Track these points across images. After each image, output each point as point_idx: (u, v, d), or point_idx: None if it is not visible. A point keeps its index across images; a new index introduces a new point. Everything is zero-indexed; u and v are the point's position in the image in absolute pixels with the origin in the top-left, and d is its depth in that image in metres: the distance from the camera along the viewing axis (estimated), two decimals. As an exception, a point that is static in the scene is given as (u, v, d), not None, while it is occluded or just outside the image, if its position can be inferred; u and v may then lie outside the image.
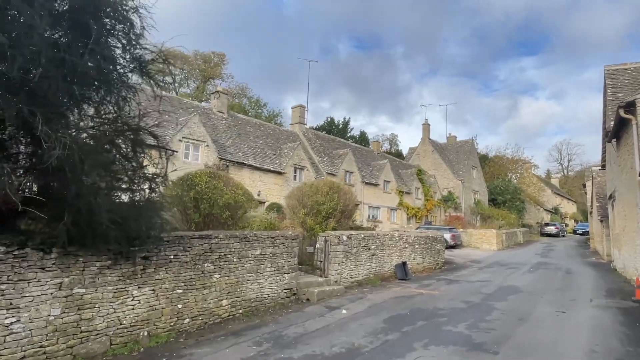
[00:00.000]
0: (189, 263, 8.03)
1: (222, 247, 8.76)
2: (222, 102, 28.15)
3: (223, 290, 8.69)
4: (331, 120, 61.64)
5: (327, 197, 13.82)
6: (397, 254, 15.77)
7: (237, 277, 9.04)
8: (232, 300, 8.89)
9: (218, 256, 8.65)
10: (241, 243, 9.22)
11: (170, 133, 22.05)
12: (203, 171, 10.16)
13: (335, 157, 32.99)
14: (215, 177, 10.00)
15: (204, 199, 9.59)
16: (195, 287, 8.12)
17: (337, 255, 12.34)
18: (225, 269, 8.78)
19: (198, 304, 8.12)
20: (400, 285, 13.52)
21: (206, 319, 8.24)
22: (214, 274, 8.53)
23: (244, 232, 9.41)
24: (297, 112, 33.85)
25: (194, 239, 8.19)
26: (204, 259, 8.34)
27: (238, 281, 9.07)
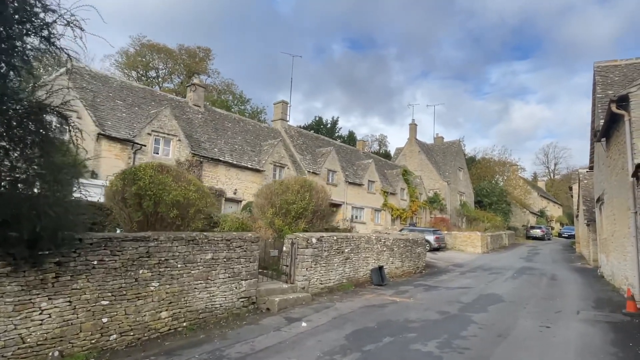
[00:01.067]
0: (118, 269, 6.90)
1: (163, 250, 7.63)
2: (199, 96, 26.91)
3: (163, 300, 7.57)
4: (319, 120, 60.64)
5: (297, 196, 12.76)
6: (374, 258, 14.78)
7: (181, 285, 7.93)
8: (174, 311, 7.77)
9: (157, 261, 7.53)
10: (188, 246, 8.11)
11: (139, 126, 20.80)
12: (149, 164, 9.02)
13: (318, 155, 31.94)
14: (164, 171, 8.86)
15: (148, 196, 8.44)
16: (127, 298, 6.98)
17: (305, 260, 11.28)
18: (166, 275, 7.66)
19: (129, 317, 6.99)
20: (374, 291, 12.52)
21: (140, 334, 7.12)
22: (152, 282, 7.41)
23: (192, 233, 8.30)
24: (279, 108, 32.73)
25: (125, 241, 7.06)
26: (138, 264, 7.21)
27: (183, 290, 7.95)
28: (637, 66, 14.94)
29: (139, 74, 53.10)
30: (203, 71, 57.33)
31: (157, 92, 25.82)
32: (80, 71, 21.73)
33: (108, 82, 22.56)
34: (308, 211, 12.79)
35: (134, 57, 51.65)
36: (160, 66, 55.42)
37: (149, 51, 52.59)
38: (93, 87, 21.26)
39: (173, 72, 57.34)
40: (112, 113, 20.67)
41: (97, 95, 20.96)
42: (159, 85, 52.34)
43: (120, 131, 20.01)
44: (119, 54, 51.16)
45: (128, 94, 22.89)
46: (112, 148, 19.37)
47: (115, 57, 50.84)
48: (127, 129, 20.39)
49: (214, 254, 8.63)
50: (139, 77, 51.97)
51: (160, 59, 55.51)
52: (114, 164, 19.40)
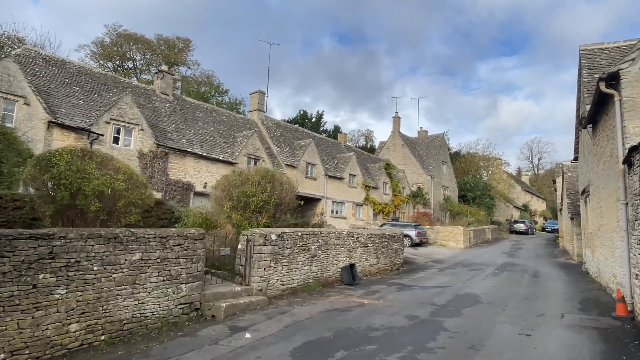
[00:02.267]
0: (9, 274, 5.60)
1: (72, 250, 6.34)
2: (167, 83, 25.39)
3: (73, 310, 6.29)
4: (304, 113, 59.32)
5: (258, 188, 11.53)
6: (346, 255, 13.65)
7: (98, 291, 6.65)
8: (89, 323, 6.49)
9: (65, 264, 6.23)
10: (108, 245, 6.83)
11: (98, 114, 19.27)
12: (66, 148, 7.69)
13: (296, 148, 30.67)
14: (85, 157, 7.54)
15: (63, 185, 7.13)
16: (20, 309, 5.69)
17: (262, 259, 10.06)
18: (77, 281, 6.37)
19: (24, 331, 5.70)
20: (343, 292, 11.38)
21: (39, 351, 5.84)
22: (57, 289, 6.12)
23: (115, 230, 7.02)
24: (255, 98, 31.32)
25: (19, 239, 5.75)
26: (38, 267, 5.91)
27: (100, 297, 6.68)
28: (625, 49, 13.98)
29: (115, 65, 51.05)
30: (182, 62, 55.40)
31: (121, 79, 24.21)
32: (33, 55, 20.07)
33: (65, 67, 20.92)
34: (270, 204, 11.57)
35: (110, 47, 49.52)
36: (137, 57, 53.38)
37: (125, 41, 50.49)
38: (47, 72, 19.65)
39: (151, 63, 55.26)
40: (67, 100, 19.10)
41: (51, 80, 19.35)
42: (137, 76, 50.36)
43: (75, 119, 18.47)
44: (94, 44, 49.03)
45: (87, 80, 21.29)
46: (66, 137, 17.80)
47: (91, 47, 48.66)
48: (83, 117, 18.85)
49: (144, 254, 7.36)
50: (115, 69, 49.95)
51: (138, 49, 53.44)
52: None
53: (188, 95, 41.63)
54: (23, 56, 19.45)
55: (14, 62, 16.85)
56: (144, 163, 20.33)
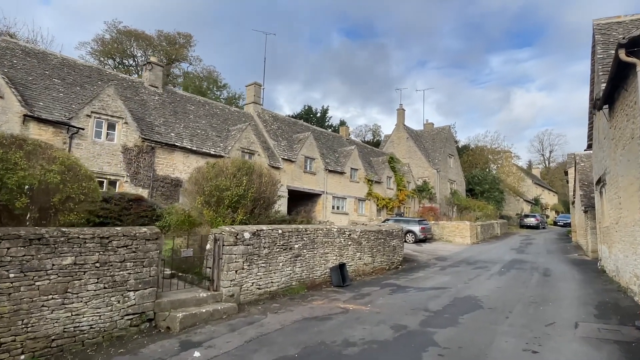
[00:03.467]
0: None
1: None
2: (156, 75, 24.36)
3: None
4: (309, 109, 58.18)
5: (232, 181, 10.38)
6: (336, 254, 12.48)
7: (15, 303, 5.57)
8: (3, 341, 5.42)
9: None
10: (29, 248, 5.74)
11: (78, 107, 18.29)
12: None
13: (294, 141, 29.50)
14: (12, 144, 6.47)
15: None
16: None
17: (233, 260, 8.93)
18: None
19: None
20: (328, 296, 10.23)
21: None
22: (-45, 302, 5.05)
23: (40, 230, 5.93)
24: (251, 90, 30.17)
25: None
26: None
27: (19, 310, 5.60)
28: (644, 22, 12.58)
29: (116, 62, 50.34)
30: (183, 58, 54.56)
31: (107, 71, 23.21)
32: (11, 46, 19.13)
33: (46, 59, 19.96)
34: (247, 199, 10.42)
35: (110, 44, 48.75)
36: (138, 54, 52.57)
37: (125, 38, 49.66)
38: (26, 64, 18.70)
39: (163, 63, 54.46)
40: (45, 92, 18.13)
41: (29, 73, 18.40)
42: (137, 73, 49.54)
43: (54, 112, 17.50)
44: (94, 41, 48.29)
45: (69, 72, 20.32)
46: (43, 132, 16.84)
47: (91, 44, 47.91)
48: (63, 111, 17.88)
49: (78, 258, 6.27)
50: (116, 66, 49.24)
51: (139, 45, 52.62)
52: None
53: (185, 89, 40.71)
54: (0, 48, 18.53)
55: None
56: (129, 158, 19.33)
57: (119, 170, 19.08)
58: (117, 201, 15.06)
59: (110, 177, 18.80)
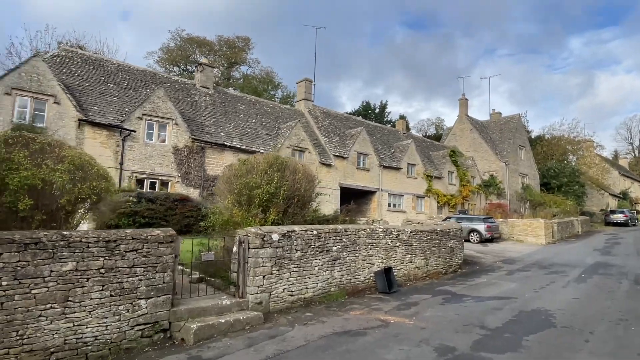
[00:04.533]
0: None
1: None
2: (207, 77, 24.57)
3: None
4: (367, 105, 56.93)
5: (263, 178, 9.63)
6: (382, 257, 11.31)
7: (9, 312, 5.18)
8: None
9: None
10: (24, 253, 5.33)
11: (130, 110, 18.73)
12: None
13: (347, 137, 28.47)
14: (18, 143, 6.16)
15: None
16: None
17: (260, 264, 8.16)
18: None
19: None
20: (370, 304, 9.12)
21: None
22: (-60, 312, 4.71)
23: (37, 233, 5.51)
24: (302, 87, 29.62)
25: None
26: None
27: (13, 320, 5.20)
28: None
29: (181, 68, 52.55)
30: (242, 61, 55.78)
31: (160, 74, 23.81)
32: (70, 55, 20.10)
33: (102, 66, 20.77)
34: (279, 197, 9.62)
35: (175, 51, 50.96)
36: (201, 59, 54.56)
37: (189, 45, 51.69)
38: (83, 71, 19.53)
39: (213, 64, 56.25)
40: (100, 97, 18.79)
41: (86, 79, 19.18)
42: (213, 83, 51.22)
43: (108, 116, 18.05)
44: (160, 50, 50.78)
45: (124, 76, 20.99)
46: (97, 135, 17.44)
47: (158, 53, 50.39)
48: (116, 114, 18.40)
49: (79, 263, 5.79)
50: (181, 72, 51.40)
51: (201, 52, 54.55)
52: (99, 152, 17.48)
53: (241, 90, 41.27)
54: (60, 56, 19.52)
55: (42, 62, 16.71)
56: (180, 159, 19.51)
57: (171, 171, 19.31)
58: (163, 201, 15.08)
59: (162, 178, 19.08)
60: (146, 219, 14.31)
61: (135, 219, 14.10)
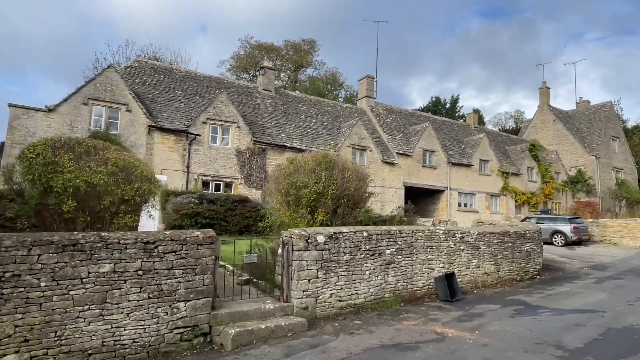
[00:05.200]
0: None
1: (8, 262, 5.06)
2: (269, 79, 24.88)
3: (10, 337, 5.00)
4: (436, 100, 54.80)
5: (310, 177, 9.22)
6: (443, 261, 10.37)
7: (47, 313, 5.26)
8: (34, 354, 5.14)
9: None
10: (62, 254, 5.41)
11: (196, 115, 19.44)
12: (46, 139, 6.60)
13: (411, 134, 27.27)
14: (63, 147, 6.35)
15: (30, 181, 6.04)
16: None
17: (304, 267, 7.74)
18: (15, 300, 5.07)
19: None
20: (427, 314, 8.31)
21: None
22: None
23: (75, 234, 5.58)
24: (363, 84, 28.92)
25: None
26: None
27: (51, 320, 5.28)
28: None
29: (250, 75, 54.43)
30: (308, 64, 56.43)
31: (224, 80, 24.52)
32: (142, 66, 21.39)
33: (171, 74, 21.87)
34: (327, 197, 9.14)
35: (245, 58, 52.85)
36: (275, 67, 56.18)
37: (257, 51, 53.38)
38: (153, 80, 20.68)
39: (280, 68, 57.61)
40: (169, 104, 19.74)
41: (156, 87, 20.28)
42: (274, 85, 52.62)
43: (175, 122, 18.90)
44: (232, 59, 53.01)
45: (191, 83, 21.91)
46: (166, 140, 18.30)
47: (230, 61, 52.59)
48: (183, 120, 19.21)
49: (117, 265, 5.79)
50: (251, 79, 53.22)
51: (269, 57, 56.08)
52: (167, 156, 18.35)
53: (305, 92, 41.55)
54: (133, 67, 20.84)
55: (115, 73, 17.87)
56: (242, 161, 19.88)
57: (234, 173, 19.74)
58: (223, 202, 15.33)
59: (226, 180, 19.56)
60: (207, 220, 14.65)
61: (197, 220, 14.48)
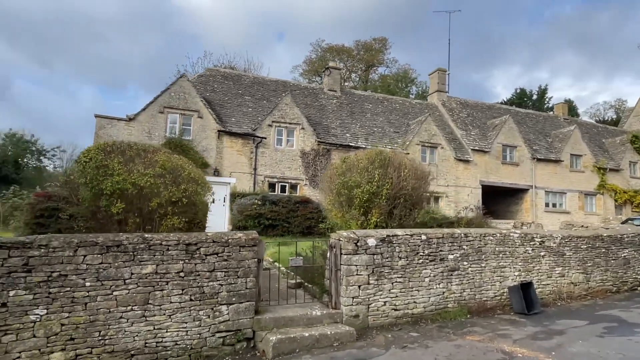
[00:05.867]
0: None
1: (56, 262, 5.28)
2: (334, 79, 24.68)
3: (57, 335, 5.20)
4: (521, 92, 50.83)
5: (363, 176, 8.68)
6: (519, 268, 9.22)
7: (92, 313, 5.41)
8: (79, 352, 5.30)
9: (45, 278, 5.20)
10: (106, 255, 5.54)
11: (262, 119, 19.81)
12: (99, 144, 6.87)
13: (488, 128, 25.29)
14: (114, 151, 6.54)
15: (84, 183, 6.30)
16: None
17: (353, 272, 7.25)
18: (62, 299, 5.27)
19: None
20: (495, 328, 7.35)
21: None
22: (34, 309, 5.12)
23: (120, 236, 5.69)
24: (434, 78, 27.46)
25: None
26: (8, 283, 5.02)
27: (95, 320, 5.41)
28: None
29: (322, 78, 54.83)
30: (380, 63, 55.55)
31: (290, 83, 24.74)
32: (213, 74, 22.33)
33: (240, 80, 22.56)
34: (381, 197, 8.54)
35: (317, 62, 53.51)
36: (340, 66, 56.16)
37: (329, 54, 53.75)
38: (224, 86, 21.48)
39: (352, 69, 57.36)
40: (237, 109, 20.36)
41: (226, 93, 21.04)
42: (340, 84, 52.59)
43: (243, 126, 19.41)
44: (304, 63, 53.92)
45: (259, 88, 22.42)
46: (234, 144, 18.87)
47: (302, 66, 53.54)
48: (250, 123, 19.68)
49: (159, 266, 5.81)
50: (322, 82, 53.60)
51: (341, 59, 56.18)
52: (236, 159, 18.91)
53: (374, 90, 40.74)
54: (205, 76, 21.84)
55: (187, 81, 18.79)
56: (307, 162, 19.86)
57: (299, 174, 19.78)
58: (285, 204, 15.33)
59: (291, 181, 19.67)
60: (270, 221, 14.75)
61: (260, 221, 14.63)
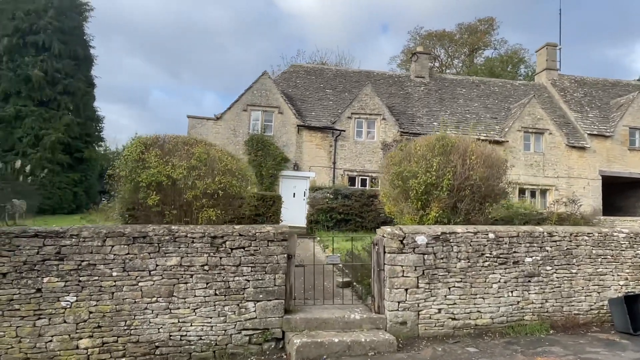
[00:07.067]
0: (8, 276, 5.26)
1: (85, 252, 5.49)
2: (422, 65, 23.10)
3: (85, 322, 5.41)
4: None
5: (420, 165, 7.66)
6: (625, 276, 7.39)
7: (118, 302, 5.52)
8: (105, 340, 5.45)
9: (75, 266, 5.44)
10: (132, 246, 5.62)
11: (342, 112, 19.38)
12: (136, 140, 7.02)
13: (611, 109, 21.34)
14: (153, 145, 6.64)
15: (124, 176, 6.50)
16: (20, 314, 5.24)
17: (397, 274, 6.38)
18: (90, 287, 5.46)
19: (24, 341, 5.21)
20: (581, 351, 5.89)
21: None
22: (65, 296, 5.39)
23: (147, 227, 5.72)
24: (542, 55, 24.00)
25: (21, 237, 5.34)
26: (43, 270, 5.35)
27: (121, 310, 5.52)
28: None
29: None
30: (486, 45, 51.37)
31: (374, 73, 23.74)
32: (296, 70, 22.53)
33: (322, 74, 22.41)
34: (441, 189, 7.43)
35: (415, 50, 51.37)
36: (441, 53, 53.21)
37: (428, 41, 51.30)
38: (305, 81, 21.53)
39: (454, 55, 53.94)
40: (318, 103, 20.23)
41: (307, 88, 21.06)
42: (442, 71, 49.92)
43: (322, 119, 19.22)
44: (402, 53, 52.27)
45: (341, 81, 22.02)
46: (313, 138, 18.78)
47: (400, 57, 51.99)
48: (330, 117, 19.40)
49: (184, 259, 5.72)
50: (422, 70, 51.38)
51: (442, 45, 53.46)
52: (315, 153, 18.83)
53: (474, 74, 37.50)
54: (288, 72, 22.14)
55: (268, 79, 19.16)
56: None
57: (380, 167, 18.91)
58: (358, 198, 14.72)
59: (371, 174, 18.97)
60: (342, 215, 14.27)
61: (332, 215, 14.25)
